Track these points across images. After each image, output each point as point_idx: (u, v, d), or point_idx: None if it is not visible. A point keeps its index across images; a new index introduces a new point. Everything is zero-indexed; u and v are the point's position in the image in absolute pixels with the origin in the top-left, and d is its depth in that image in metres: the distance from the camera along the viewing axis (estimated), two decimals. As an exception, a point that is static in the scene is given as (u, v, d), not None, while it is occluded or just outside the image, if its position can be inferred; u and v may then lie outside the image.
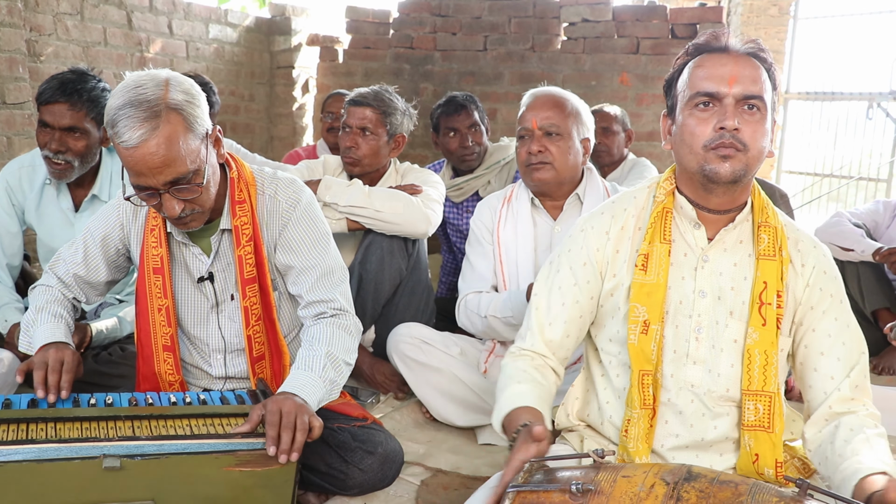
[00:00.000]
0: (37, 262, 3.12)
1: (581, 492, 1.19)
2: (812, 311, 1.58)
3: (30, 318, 1.98)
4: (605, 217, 1.69)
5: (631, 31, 5.51)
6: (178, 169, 1.71)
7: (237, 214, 1.92)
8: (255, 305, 1.97)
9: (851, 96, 7.53)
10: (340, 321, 1.95)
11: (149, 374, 2.01)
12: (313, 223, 2.00)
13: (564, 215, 2.48)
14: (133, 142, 1.66)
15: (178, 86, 1.73)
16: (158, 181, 1.71)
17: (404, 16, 6.06)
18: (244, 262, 1.93)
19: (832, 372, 1.56)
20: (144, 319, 1.99)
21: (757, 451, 1.53)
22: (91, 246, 2.02)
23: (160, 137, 1.67)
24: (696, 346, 1.58)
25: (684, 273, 1.59)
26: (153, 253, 1.94)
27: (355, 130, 2.87)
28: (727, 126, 1.48)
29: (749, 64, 1.52)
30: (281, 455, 1.59)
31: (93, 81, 2.51)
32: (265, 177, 2.00)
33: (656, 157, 4.79)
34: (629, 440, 1.57)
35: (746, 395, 1.54)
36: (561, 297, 1.68)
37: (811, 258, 1.59)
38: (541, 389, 1.59)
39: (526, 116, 2.43)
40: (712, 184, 1.52)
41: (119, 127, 1.67)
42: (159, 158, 1.68)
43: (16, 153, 3.64)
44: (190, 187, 1.75)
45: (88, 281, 2.06)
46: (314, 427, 1.66)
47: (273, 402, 1.67)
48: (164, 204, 1.75)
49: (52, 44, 4.36)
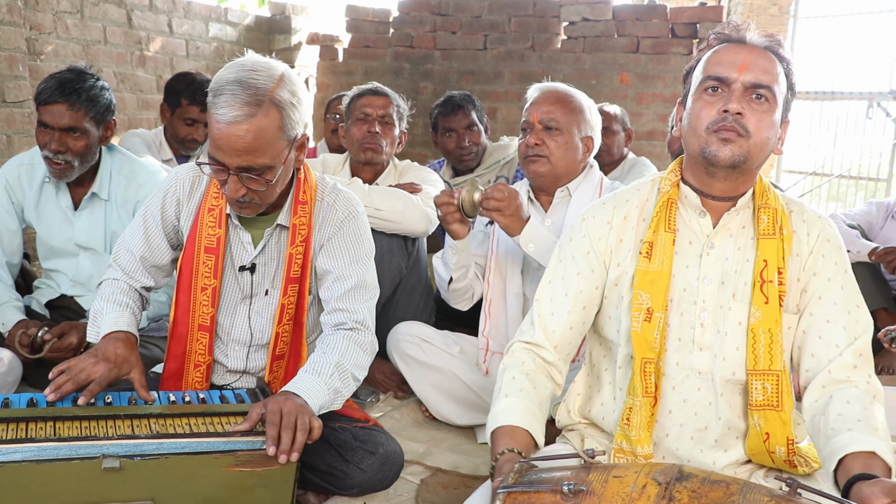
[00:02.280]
0: (36, 260, 3.12)
1: (572, 492, 1.19)
2: (815, 277, 1.57)
3: (97, 307, 1.99)
4: (608, 207, 1.69)
5: (631, 30, 5.51)
6: (256, 160, 1.75)
7: (298, 213, 1.95)
8: (291, 305, 1.99)
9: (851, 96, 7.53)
10: (358, 336, 1.95)
11: (178, 353, 2.01)
12: (361, 239, 2.03)
13: (554, 209, 2.51)
14: (227, 118, 1.70)
15: (289, 85, 1.77)
16: (233, 162, 1.74)
17: (404, 15, 6.06)
18: (293, 261, 1.96)
19: (837, 340, 1.54)
20: (185, 297, 1.99)
21: (767, 430, 1.52)
22: (151, 224, 2.02)
23: (252, 125, 1.71)
24: (701, 333, 1.58)
25: (689, 261, 1.60)
26: (209, 232, 1.95)
27: (375, 118, 2.89)
28: (730, 109, 1.49)
29: (765, 56, 1.53)
30: (281, 455, 1.59)
31: (91, 80, 2.51)
32: (327, 185, 2.04)
33: (656, 157, 4.80)
34: (631, 429, 1.57)
35: (753, 374, 1.53)
36: (564, 287, 1.68)
37: (816, 227, 1.60)
38: (529, 400, 1.57)
39: (529, 109, 2.47)
40: (712, 167, 1.53)
41: (220, 99, 1.71)
42: (244, 144, 1.72)
43: (15, 151, 3.64)
44: (259, 179, 1.78)
45: (153, 263, 2.06)
46: (314, 428, 1.66)
47: (273, 402, 1.67)
48: (228, 184, 1.78)
49: (51, 42, 4.36)
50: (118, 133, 3.47)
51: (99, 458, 1.53)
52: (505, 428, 1.51)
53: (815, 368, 1.56)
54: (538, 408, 1.58)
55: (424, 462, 2.28)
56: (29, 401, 1.70)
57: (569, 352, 1.71)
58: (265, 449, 1.60)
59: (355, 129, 2.92)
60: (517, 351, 1.69)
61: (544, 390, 1.64)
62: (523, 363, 1.66)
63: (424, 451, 2.36)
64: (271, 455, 1.59)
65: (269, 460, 1.61)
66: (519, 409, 1.55)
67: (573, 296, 1.67)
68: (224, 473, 1.60)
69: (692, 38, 5.36)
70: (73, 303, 2.74)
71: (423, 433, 2.52)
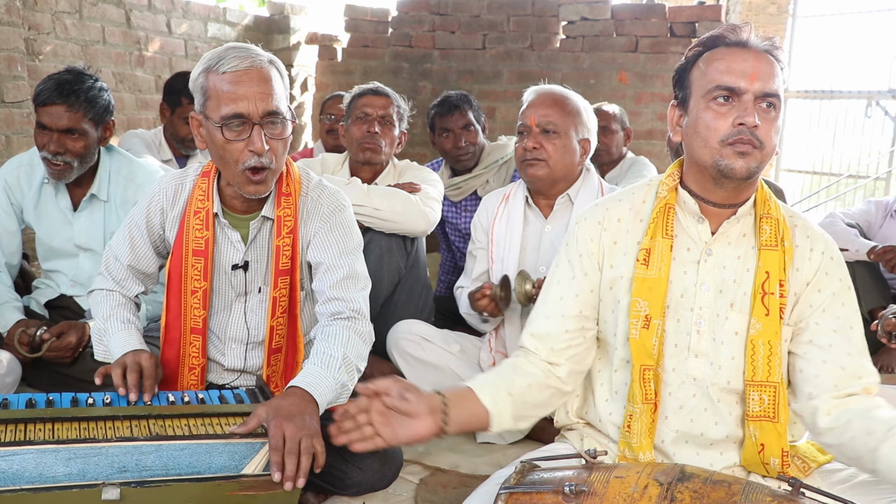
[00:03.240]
0: (35, 260, 3.12)
1: (574, 493, 1.19)
2: (819, 293, 1.56)
3: (99, 326, 2.02)
4: (599, 209, 1.69)
5: (630, 29, 5.51)
6: (276, 103, 1.82)
7: (282, 205, 1.95)
8: (284, 298, 1.99)
9: (850, 94, 7.54)
10: (356, 326, 1.94)
11: (172, 358, 2.01)
12: (350, 232, 2.03)
13: (555, 215, 2.49)
14: (242, 66, 1.79)
15: (279, 65, 1.89)
16: (258, 108, 1.79)
17: (403, 14, 6.06)
18: (281, 253, 1.96)
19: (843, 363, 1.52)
20: (176, 301, 1.99)
21: (763, 440, 1.52)
22: (136, 234, 2.04)
23: (265, 69, 1.82)
24: (697, 339, 1.58)
25: (686, 267, 1.59)
26: (197, 235, 1.95)
27: (375, 117, 2.89)
28: (747, 122, 1.46)
29: (767, 61, 1.51)
30: (286, 482, 1.55)
31: (90, 81, 2.51)
32: (311, 180, 2.04)
33: (655, 156, 4.80)
34: (632, 436, 1.57)
35: (751, 385, 1.53)
36: (559, 290, 1.68)
37: (820, 243, 1.59)
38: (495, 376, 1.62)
39: (526, 113, 2.45)
40: (725, 179, 1.51)
41: (224, 60, 1.79)
42: (264, 83, 1.80)
43: (14, 152, 3.64)
44: (280, 127, 1.84)
45: (141, 271, 2.08)
46: (318, 453, 1.61)
47: (276, 425, 1.61)
48: (253, 139, 1.80)
49: (50, 42, 4.36)
50: (117, 133, 3.47)
51: (99, 486, 1.50)
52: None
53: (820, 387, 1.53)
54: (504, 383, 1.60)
55: (424, 461, 2.28)
56: (28, 402, 1.70)
57: (572, 353, 1.67)
58: (270, 475, 1.56)
59: (355, 128, 2.92)
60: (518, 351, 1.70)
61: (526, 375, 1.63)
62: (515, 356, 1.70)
63: (424, 450, 2.36)
64: (277, 481, 1.55)
65: (273, 485, 1.57)
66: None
67: (569, 300, 1.66)
68: (227, 498, 1.57)
69: (691, 37, 5.37)
70: (73, 303, 2.74)
71: (422, 433, 2.52)
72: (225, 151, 1.83)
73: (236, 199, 1.96)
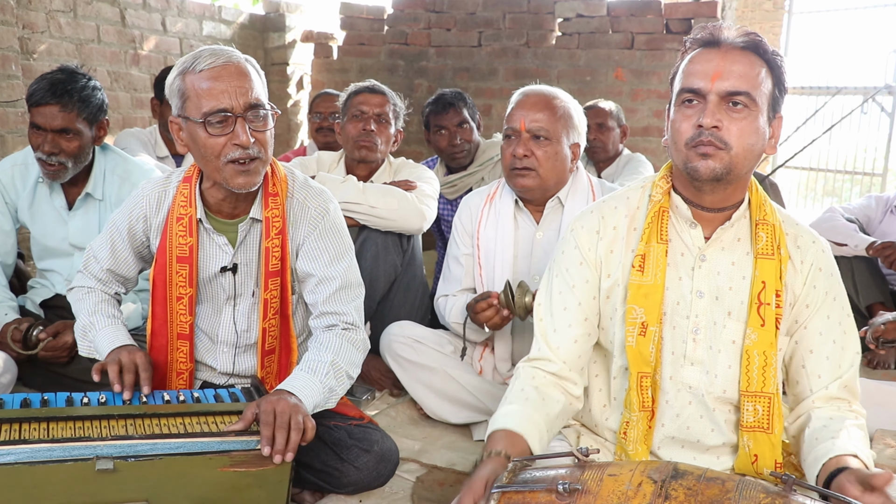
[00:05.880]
0: (30, 259, 3.11)
1: (568, 491, 1.18)
2: (807, 308, 1.57)
3: (84, 322, 2.03)
4: (595, 216, 1.67)
5: (625, 26, 5.50)
6: (257, 95, 1.81)
7: (269, 206, 1.94)
8: (275, 299, 1.99)
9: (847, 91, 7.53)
10: (350, 335, 1.96)
11: (160, 364, 2.01)
12: (339, 235, 2.01)
13: (546, 220, 2.42)
14: (219, 63, 1.77)
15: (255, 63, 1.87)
16: (239, 102, 1.77)
17: (398, 12, 6.05)
18: (270, 255, 1.95)
19: (820, 371, 1.56)
20: (161, 308, 1.99)
21: (756, 451, 1.53)
22: (117, 240, 2.04)
23: (242, 65, 1.81)
24: (693, 348, 1.57)
25: (681, 273, 1.58)
26: (180, 242, 1.94)
27: (371, 116, 2.89)
28: (704, 124, 1.44)
29: (742, 59, 1.46)
30: (276, 455, 1.59)
31: (83, 80, 2.50)
32: (297, 180, 2.02)
33: (651, 153, 4.79)
34: (628, 443, 1.57)
35: (745, 396, 1.53)
36: (562, 301, 1.65)
37: (810, 255, 1.58)
38: (532, 408, 1.53)
39: (514, 116, 2.34)
40: (696, 181, 1.50)
41: (199, 60, 1.78)
42: (242, 77, 1.79)
43: (9, 151, 3.63)
44: (263, 120, 1.82)
45: (121, 274, 2.09)
46: (307, 428, 1.66)
47: (267, 402, 1.67)
48: (237, 133, 1.78)
49: (44, 41, 4.34)
50: (112, 132, 3.46)
51: (93, 459, 1.53)
52: (501, 431, 1.47)
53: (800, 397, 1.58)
54: (542, 417, 1.53)
55: (420, 460, 2.28)
56: (23, 401, 1.70)
57: (582, 365, 1.66)
58: (260, 449, 1.60)
59: (351, 126, 2.91)
60: (523, 370, 1.65)
61: (555, 403, 1.58)
62: (532, 378, 1.62)
63: (420, 448, 2.36)
64: (266, 455, 1.59)
65: (263, 460, 1.60)
66: (519, 416, 1.51)
67: (573, 309, 1.64)
68: (219, 474, 1.60)
69: (687, 33, 5.36)
70: (68, 302, 2.72)
71: (418, 431, 2.52)
72: (206, 149, 1.80)
73: (224, 202, 1.94)
